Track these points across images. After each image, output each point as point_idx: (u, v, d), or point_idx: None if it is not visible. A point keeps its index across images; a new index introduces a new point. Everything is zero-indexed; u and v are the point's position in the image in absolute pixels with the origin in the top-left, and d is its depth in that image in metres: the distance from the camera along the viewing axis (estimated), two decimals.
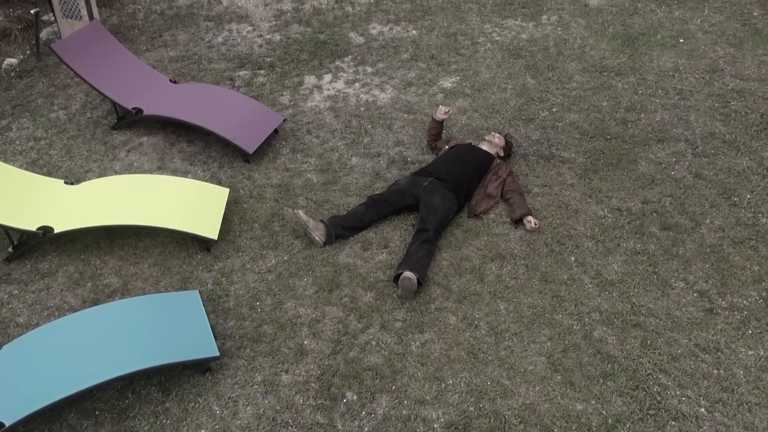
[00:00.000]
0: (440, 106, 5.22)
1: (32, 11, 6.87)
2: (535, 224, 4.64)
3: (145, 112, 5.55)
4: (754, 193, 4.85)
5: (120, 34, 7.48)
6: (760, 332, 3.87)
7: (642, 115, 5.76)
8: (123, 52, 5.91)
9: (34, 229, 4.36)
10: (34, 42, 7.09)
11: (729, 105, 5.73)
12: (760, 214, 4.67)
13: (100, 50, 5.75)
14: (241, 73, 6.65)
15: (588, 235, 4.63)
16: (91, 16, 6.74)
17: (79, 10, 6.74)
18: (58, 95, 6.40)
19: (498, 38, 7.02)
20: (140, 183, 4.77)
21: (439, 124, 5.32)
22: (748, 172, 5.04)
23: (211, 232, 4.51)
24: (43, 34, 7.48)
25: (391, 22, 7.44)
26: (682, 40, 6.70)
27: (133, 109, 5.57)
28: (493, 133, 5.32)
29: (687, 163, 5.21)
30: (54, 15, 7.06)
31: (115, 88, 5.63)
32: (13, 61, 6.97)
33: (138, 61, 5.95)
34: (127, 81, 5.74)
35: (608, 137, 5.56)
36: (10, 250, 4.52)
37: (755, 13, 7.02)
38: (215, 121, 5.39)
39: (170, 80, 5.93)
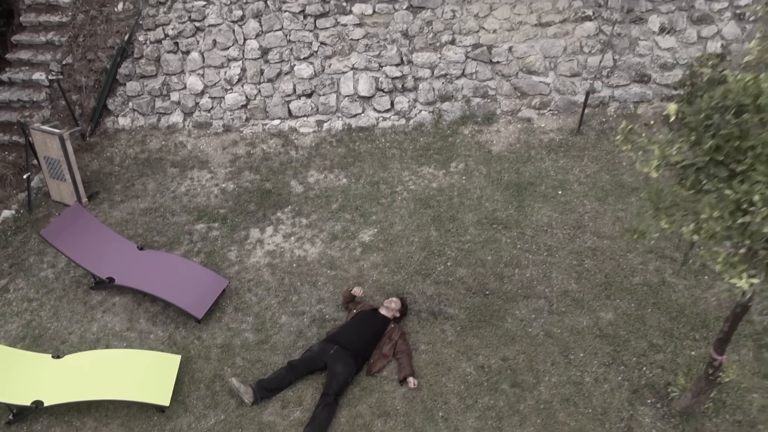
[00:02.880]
0: (356, 287, 6.72)
1: (24, 176, 8.27)
2: (414, 384, 6.05)
3: (116, 282, 6.95)
4: (586, 352, 6.27)
5: (99, 182, 8.88)
6: None
7: (516, 271, 7.19)
8: (99, 227, 7.32)
9: (28, 404, 5.74)
10: (26, 197, 8.47)
11: (583, 264, 7.16)
12: (585, 373, 6.08)
13: (80, 228, 7.16)
14: (198, 226, 8.06)
15: (455, 392, 6.04)
16: (73, 179, 8.15)
17: (64, 175, 8.15)
18: (47, 252, 7.79)
19: (413, 187, 8.46)
20: (109, 357, 6.17)
21: (352, 296, 6.75)
22: (585, 331, 6.46)
23: (164, 399, 5.90)
24: (34, 182, 8.87)
25: (326, 169, 8.87)
26: (560, 192, 8.14)
27: (107, 278, 6.97)
28: (391, 298, 6.74)
29: (543, 320, 6.63)
30: (42, 170, 8.46)
31: (93, 260, 7.03)
32: (9, 214, 8.36)
33: (111, 233, 7.36)
34: (102, 252, 7.14)
35: (487, 293, 6.98)
36: (10, 417, 5.90)
37: (624, 163, 8.47)
38: (172, 291, 6.80)
39: (138, 247, 7.34)
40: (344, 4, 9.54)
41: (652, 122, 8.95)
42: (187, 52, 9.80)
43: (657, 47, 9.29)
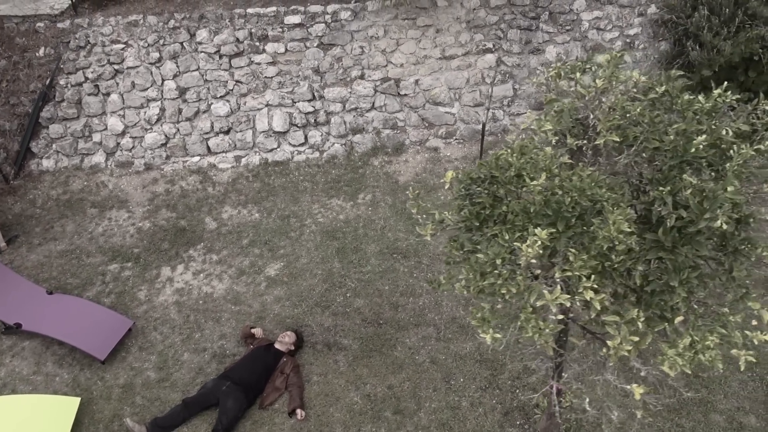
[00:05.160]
0: (257, 329, 7.09)
1: None
2: (301, 416, 6.40)
3: (23, 327, 7.22)
4: (466, 377, 6.66)
5: (19, 225, 9.14)
6: None
7: (410, 300, 7.57)
8: (8, 274, 7.60)
9: None
10: None
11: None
12: (463, 398, 6.47)
13: None
14: (112, 267, 8.35)
15: (341, 421, 6.39)
16: None
17: None
18: None
19: (321, 219, 8.82)
20: (7, 404, 6.42)
21: (251, 332, 7.08)
22: (467, 356, 6.85)
23: None
24: None
25: (240, 204, 9.21)
26: None
27: (14, 324, 7.24)
28: (285, 332, 7.09)
29: (430, 347, 7.01)
30: None
31: (1, 307, 7.30)
32: None
33: (21, 279, 7.64)
34: (12, 298, 7.42)
35: (381, 322, 7.35)
36: None
37: None
38: (76, 334, 7.08)
39: (47, 292, 7.61)
40: (257, 43, 9.92)
41: None
42: (108, 94, 10.11)
43: None
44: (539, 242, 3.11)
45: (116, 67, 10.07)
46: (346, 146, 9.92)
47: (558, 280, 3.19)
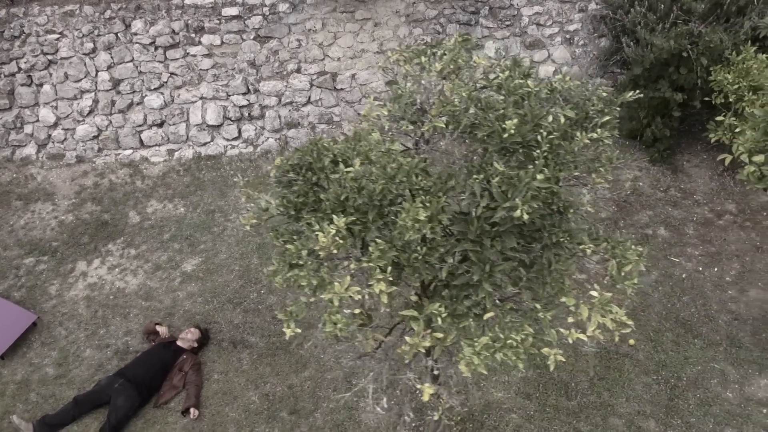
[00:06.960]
0: (163, 327, 6.90)
1: None
2: (194, 415, 6.20)
3: None
4: (369, 377, 6.45)
5: None
6: None
7: None
8: None
9: None
10: None
11: None
12: (361, 398, 6.27)
13: None
14: (27, 261, 8.16)
15: (235, 421, 6.19)
16: None
17: None
18: None
19: (247, 214, 8.61)
20: None
21: (155, 330, 6.89)
22: (371, 355, 6.64)
23: None
24: None
25: (167, 198, 9.01)
26: None
27: None
28: (189, 329, 6.89)
29: (337, 345, 6.81)
30: None
31: None
32: None
33: None
34: None
35: None
36: None
37: None
38: None
39: None
40: (193, 35, 9.73)
41: None
42: (41, 85, 9.91)
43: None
44: (334, 231, 2.92)
45: (50, 57, 9.88)
46: (280, 141, 9.73)
47: (353, 271, 3.01)
